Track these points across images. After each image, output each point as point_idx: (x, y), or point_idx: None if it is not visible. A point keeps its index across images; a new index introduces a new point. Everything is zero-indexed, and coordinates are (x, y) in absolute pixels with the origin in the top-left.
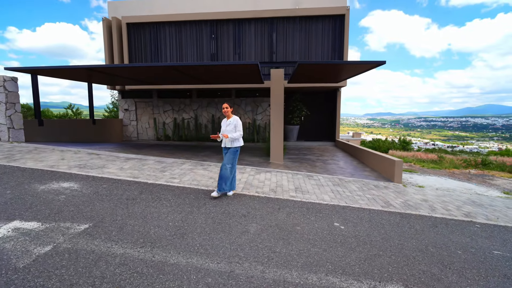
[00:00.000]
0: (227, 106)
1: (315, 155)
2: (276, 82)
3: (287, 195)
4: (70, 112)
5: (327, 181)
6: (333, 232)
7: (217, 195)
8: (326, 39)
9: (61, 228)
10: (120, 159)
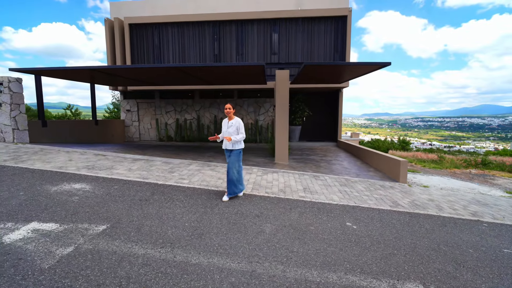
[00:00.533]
0: (230, 107)
1: (319, 156)
2: (282, 83)
3: (296, 196)
4: (69, 112)
5: (334, 181)
6: (346, 232)
7: (228, 199)
8: (328, 40)
9: (80, 229)
10: (127, 160)
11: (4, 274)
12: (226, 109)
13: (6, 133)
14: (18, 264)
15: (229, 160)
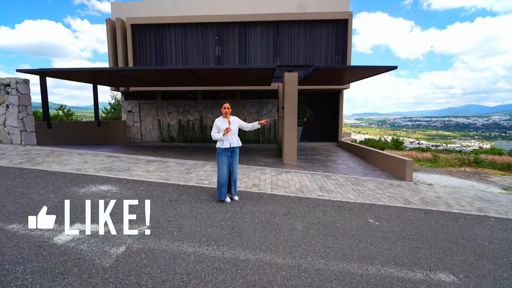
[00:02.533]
0: (229, 107)
1: (323, 156)
2: (290, 85)
3: (314, 195)
4: (61, 113)
5: (345, 180)
6: (371, 228)
7: (229, 201)
8: (330, 43)
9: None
10: (142, 161)
11: (70, 273)
12: (225, 108)
13: (13, 135)
14: (80, 264)
15: (233, 159)
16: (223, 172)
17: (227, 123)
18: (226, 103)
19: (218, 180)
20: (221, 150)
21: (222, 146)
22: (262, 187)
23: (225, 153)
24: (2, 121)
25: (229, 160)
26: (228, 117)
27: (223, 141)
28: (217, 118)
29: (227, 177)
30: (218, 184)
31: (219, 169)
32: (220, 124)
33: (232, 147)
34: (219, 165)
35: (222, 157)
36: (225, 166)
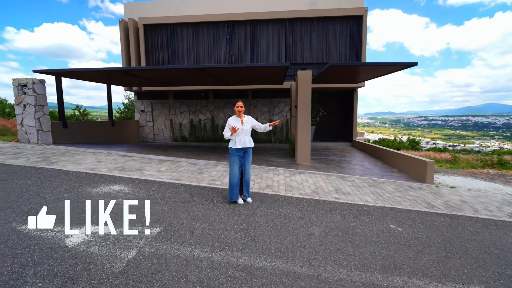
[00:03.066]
0: (242, 105)
1: (337, 156)
2: (304, 84)
3: (330, 197)
4: (77, 113)
5: (361, 182)
6: (393, 235)
7: (242, 203)
8: (344, 40)
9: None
10: (154, 161)
11: (80, 278)
12: (238, 106)
13: (30, 134)
14: (90, 268)
15: (246, 160)
16: (235, 172)
17: (240, 122)
18: (239, 101)
19: (230, 180)
20: (233, 150)
21: (234, 146)
22: (275, 189)
23: (237, 153)
24: (20, 121)
25: (241, 161)
26: (241, 116)
27: (235, 141)
28: (230, 117)
29: (238, 178)
30: (229, 184)
31: (230, 170)
32: (232, 123)
33: (244, 148)
34: (231, 165)
35: (234, 157)
36: (237, 167)
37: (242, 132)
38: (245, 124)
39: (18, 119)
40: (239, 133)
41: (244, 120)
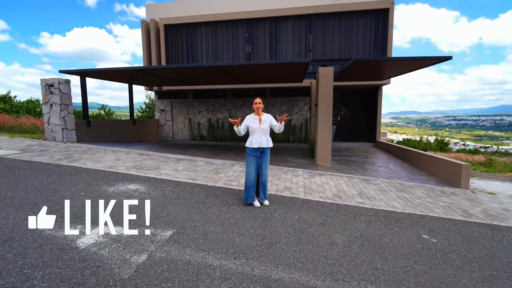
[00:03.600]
0: (260, 102)
1: (360, 157)
2: (325, 81)
3: (354, 201)
4: (102, 112)
5: (387, 186)
6: (427, 246)
7: (259, 205)
8: (368, 36)
9: (148, 234)
10: (171, 160)
11: (87, 283)
12: (256, 103)
13: (56, 132)
14: (98, 273)
15: (263, 160)
16: (251, 173)
17: (258, 120)
18: (257, 98)
19: (246, 181)
20: (250, 150)
21: (251, 145)
22: (294, 191)
23: (253, 153)
24: (47, 119)
25: (258, 161)
26: (260, 114)
27: (251, 141)
28: (248, 115)
29: (255, 179)
30: (245, 186)
31: (247, 170)
32: (249, 122)
33: (261, 148)
34: (247, 165)
35: (250, 157)
36: (253, 168)
37: (259, 131)
38: (263, 123)
39: (45, 117)
40: (256, 132)
41: (263, 119)
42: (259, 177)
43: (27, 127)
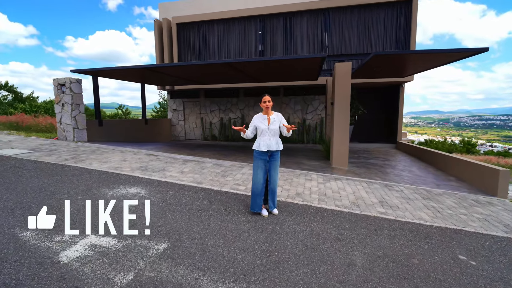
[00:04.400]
0: (269, 100)
1: (380, 159)
2: (342, 77)
3: (374, 211)
4: (120, 112)
5: (412, 193)
6: (466, 271)
7: (267, 214)
8: (389, 29)
9: (139, 248)
10: (178, 161)
11: None
12: (265, 102)
13: (67, 132)
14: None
15: (272, 165)
16: (258, 179)
17: (266, 120)
18: (266, 95)
19: (252, 188)
20: (257, 153)
21: (258, 148)
22: (307, 198)
23: (261, 156)
24: (59, 119)
25: (266, 166)
26: (269, 114)
27: (259, 143)
28: (256, 115)
29: (263, 185)
30: (252, 193)
31: (254, 176)
32: (257, 122)
33: (270, 151)
34: (254, 170)
35: (258, 161)
36: (261, 173)
37: (268, 132)
38: (273, 123)
39: (57, 117)
40: (265, 133)
41: (272, 118)
42: (268, 183)
43: (44, 126)
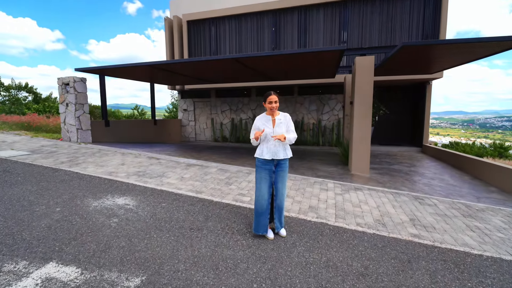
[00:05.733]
0: (276, 100)
1: (404, 165)
2: (364, 73)
3: (405, 233)
4: (136, 112)
5: (448, 208)
6: None
7: (273, 237)
8: (416, 21)
9: (104, 284)
10: (181, 165)
11: None
12: (271, 102)
13: (71, 132)
14: None
15: (279, 176)
16: (262, 194)
17: (271, 122)
18: (273, 94)
19: (256, 206)
20: (260, 161)
21: (261, 156)
22: (322, 213)
23: (265, 166)
24: (63, 119)
25: (272, 177)
26: (274, 115)
27: (262, 149)
28: (259, 116)
29: (268, 201)
30: (255, 211)
31: (257, 190)
32: (260, 124)
33: (276, 159)
34: (257, 183)
35: (261, 171)
36: (265, 186)
37: (273, 138)
38: (279, 126)
39: (61, 117)
40: (269, 139)
41: (278, 120)
42: (273, 198)
43: (53, 127)
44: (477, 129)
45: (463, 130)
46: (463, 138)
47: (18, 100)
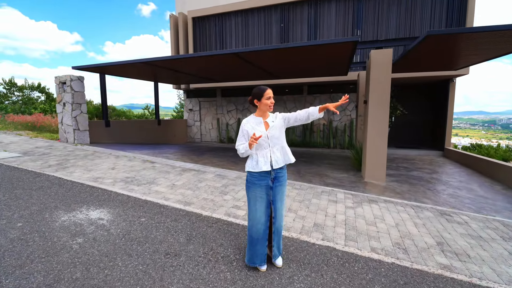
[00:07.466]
0: (271, 96)
1: (425, 171)
2: (380, 68)
3: (433, 263)
4: (146, 112)
5: (483, 227)
6: None
7: (265, 268)
8: (438, 12)
9: None
10: (176, 170)
11: None
12: (271, 97)
13: (68, 133)
14: None
15: (277, 192)
16: (259, 216)
17: (262, 125)
18: (268, 88)
19: (249, 232)
20: (254, 176)
21: (256, 168)
22: (329, 233)
23: (261, 182)
24: (60, 119)
25: (270, 195)
26: (265, 116)
27: (256, 159)
28: (246, 118)
29: (266, 225)
30: (249, 238)
31: (251, 212)
32: (249, 129)
33: (274, 170)
34: (251, 204)
35: (255, 189)
36: (262, 207)
37: (267, 142)
38: (273, 128)
39: (59, 117)
40: (262, 144)
41: (270, 122)
42: (271, 221)
43: (56, 126)
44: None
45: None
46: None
47: (30, 99)
